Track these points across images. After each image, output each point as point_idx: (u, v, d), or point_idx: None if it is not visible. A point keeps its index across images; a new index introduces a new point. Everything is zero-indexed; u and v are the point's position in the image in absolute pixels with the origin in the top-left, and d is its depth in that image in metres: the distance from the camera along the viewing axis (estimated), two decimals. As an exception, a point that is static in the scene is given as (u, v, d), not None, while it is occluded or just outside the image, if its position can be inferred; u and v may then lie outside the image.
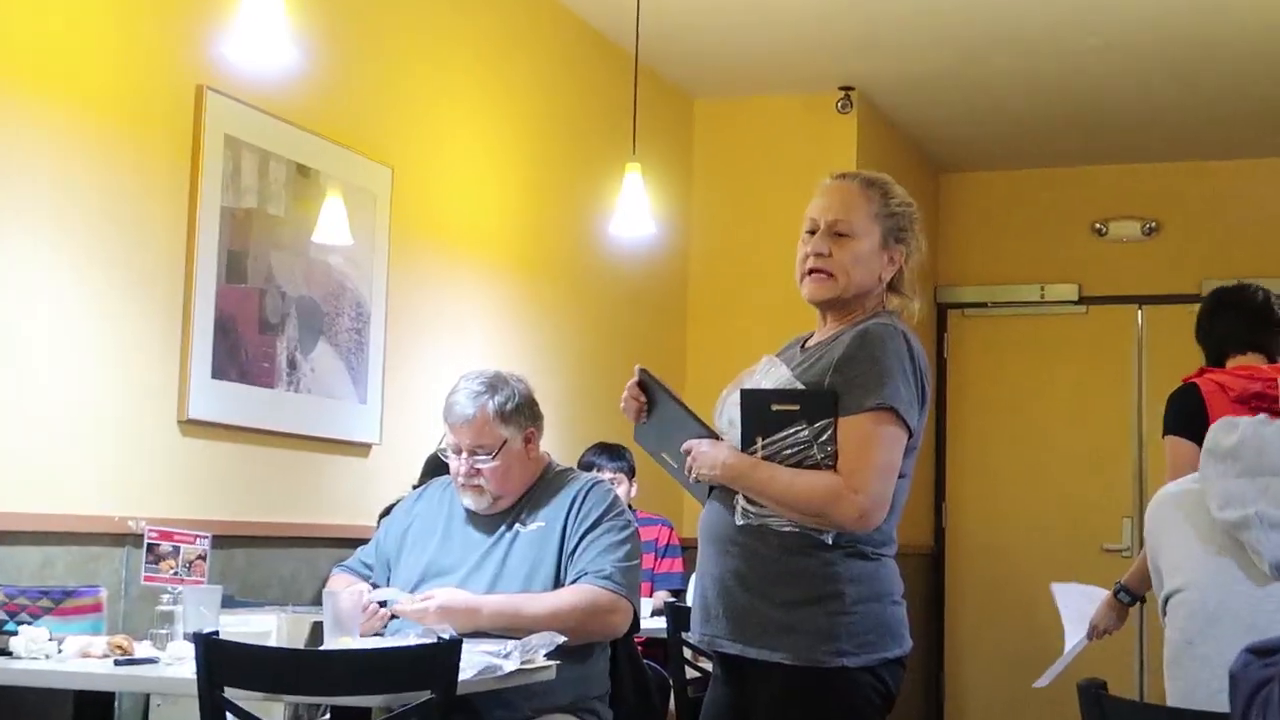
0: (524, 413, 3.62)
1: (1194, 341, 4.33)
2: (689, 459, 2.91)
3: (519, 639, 3.22)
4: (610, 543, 3.53)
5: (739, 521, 2.86)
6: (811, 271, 2.94)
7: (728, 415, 2.93)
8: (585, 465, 5.56)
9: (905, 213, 2.98)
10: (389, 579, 3.68)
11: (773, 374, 2.93)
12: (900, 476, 2.85)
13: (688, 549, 6.67)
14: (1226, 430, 2.59)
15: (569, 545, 3.55)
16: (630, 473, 5.63)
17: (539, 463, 3.68)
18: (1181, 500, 2.70)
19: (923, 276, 3.05)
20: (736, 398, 2.89)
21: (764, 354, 3.05)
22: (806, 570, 2.80)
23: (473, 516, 3.65)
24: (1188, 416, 3.87)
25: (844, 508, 2.76)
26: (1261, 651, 1.97)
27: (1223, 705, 2.24)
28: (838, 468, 2.78)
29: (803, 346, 3.01)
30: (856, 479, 2.76)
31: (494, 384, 3.62)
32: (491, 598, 3.47)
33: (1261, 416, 2.57)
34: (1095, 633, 4.27)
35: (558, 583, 3.52)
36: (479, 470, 3.57)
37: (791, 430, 2.81)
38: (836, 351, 2.85)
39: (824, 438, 2.79)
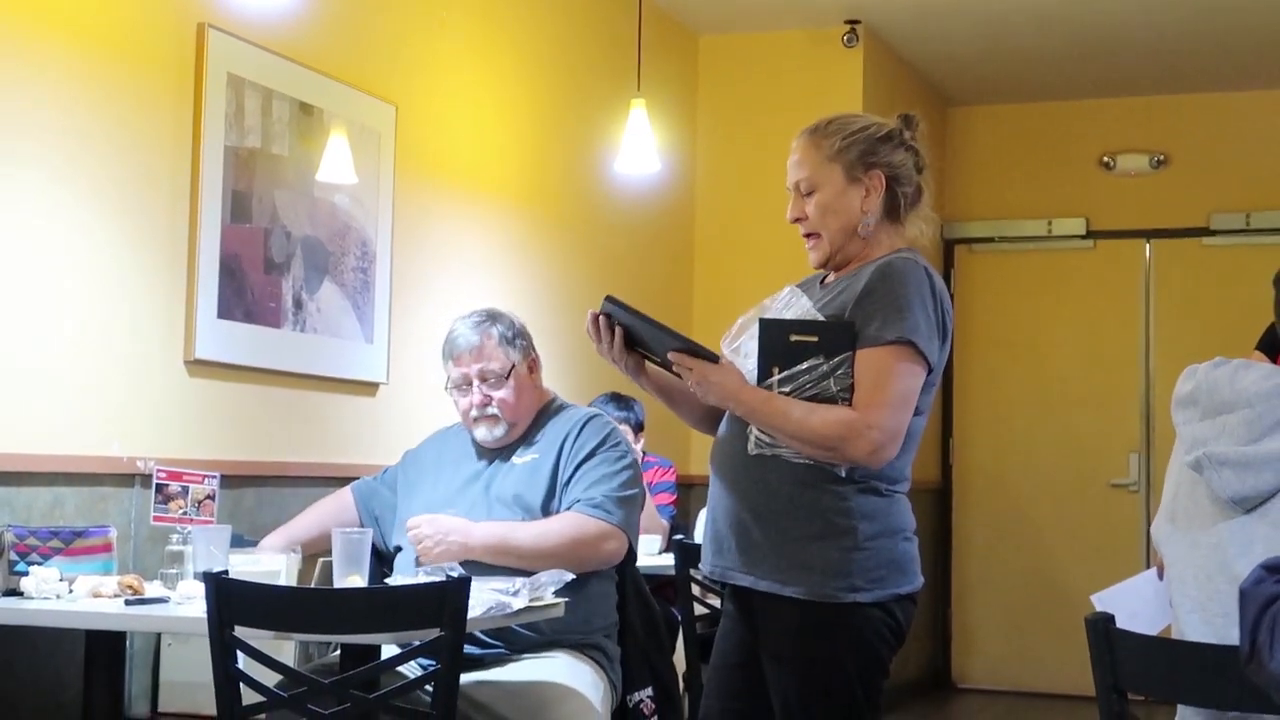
0: (525, 339, 3.67)
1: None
2: (690, 374, 2.81)
3: (527, 576, 3.22)
4: (604, 473, 3.52)
5: (752, 451, 2.84)
6: (806, 237, 2.94)
7: (743, 344, 2.90)
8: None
9: (864, 135, 2.89)
10: (396, 503, 3.72)
11: (794, 305, 2.89)
12: (917, 413, 2.82)
13: (691, 486, 6.69)
14: (1186, 378, 2.59)
15: (563, 477, 3.54)
16: (638, 426, 5.47)
17: (544, 393, 3.71)
18: None
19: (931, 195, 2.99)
20: (755, 328, 2.87)
21: (771, 289, 3.01)
22: (819, 504, 2.79)
23: (469, 452, 3.66)
24: None
25: (858, 443, 2.73)
26: (1275, 569, 1.97)
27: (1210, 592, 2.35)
28: (853, 401, 2.75)
29: (822, 283, 2.98)
30: (872, 414, 2.73)
31: (492, 314, 3.68)
32: (482, 524, 3.48)
33: (1216, 359, 2.55)
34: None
35: (546, 514, 3.51)
36: (490, 398, 3.58)
37: (809, 362, 2.78)
38: (858, 285, 2.81)
39: (841, 371, 2.77)
